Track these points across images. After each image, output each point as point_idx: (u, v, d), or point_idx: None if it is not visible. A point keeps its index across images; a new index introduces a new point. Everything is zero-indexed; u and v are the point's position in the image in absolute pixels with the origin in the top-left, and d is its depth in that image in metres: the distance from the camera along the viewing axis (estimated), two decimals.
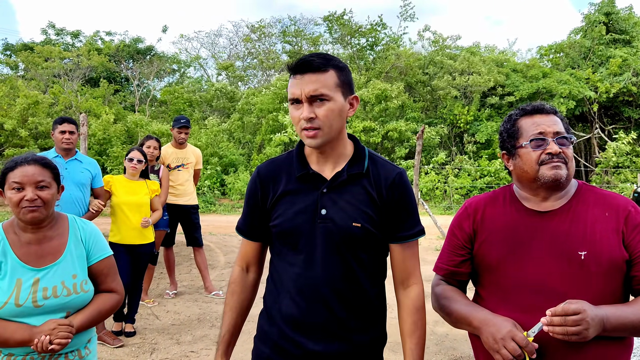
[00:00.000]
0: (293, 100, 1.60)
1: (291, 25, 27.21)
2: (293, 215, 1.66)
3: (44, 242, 1.96)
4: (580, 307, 1.45)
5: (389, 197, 1.66)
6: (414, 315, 1.69)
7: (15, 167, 1.91)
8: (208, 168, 19.08)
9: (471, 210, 1.82)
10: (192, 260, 7.66)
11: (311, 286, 1.63)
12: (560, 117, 1.74)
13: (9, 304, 1.84)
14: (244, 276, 1.83)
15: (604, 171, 20.98)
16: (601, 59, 23.65)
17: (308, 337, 1.64)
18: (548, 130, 1.68)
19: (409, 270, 1.71)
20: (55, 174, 1.99)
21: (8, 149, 17.64)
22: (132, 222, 4.53)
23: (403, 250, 1.70)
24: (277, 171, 1.73)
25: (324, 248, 1.63)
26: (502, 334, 1.55)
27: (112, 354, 4.21)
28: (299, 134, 1.63)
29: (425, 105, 23.86)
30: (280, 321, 1.68)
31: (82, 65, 23.00)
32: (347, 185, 1.66)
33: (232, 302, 1.81)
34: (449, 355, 4.39)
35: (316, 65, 1.56)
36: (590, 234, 1.61)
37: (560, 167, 1.65)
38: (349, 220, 1.62)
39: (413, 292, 1.70)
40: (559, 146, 1.66)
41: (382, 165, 1.71)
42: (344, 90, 1.62)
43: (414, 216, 1.71)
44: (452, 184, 19.50)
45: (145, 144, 5.38)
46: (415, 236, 1.70)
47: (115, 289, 2.12)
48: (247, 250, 1.83)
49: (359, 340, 1.67)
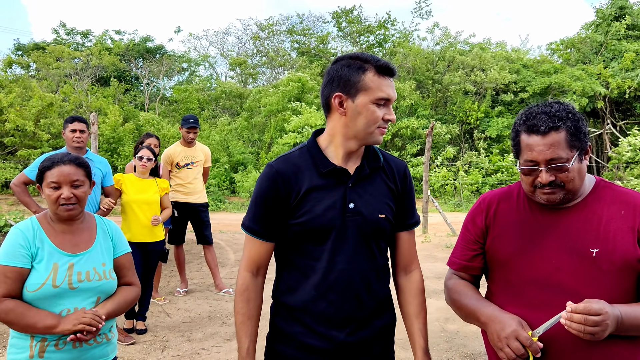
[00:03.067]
0: (386, 100, 1.67)
1: (298, 24, 27.20)
2: (322, 211, 1.66)
3: (76, 232, 2.13)
4: (602, 308, 1.43)
5: (402, 188, 1.81)
6: (419, 297, 1.82)
7: (52, 166, 2.08)
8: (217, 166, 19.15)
9: (485, 205, 1.82)
10: (202, 258, 7.70)
11: (343, 280, 1.67)
12: (566, 128, 1.58)
13: (47, 284, 1.97)
14: (255, 281, 1.76)
15: (616, 167, 20.77)
16: (613, 54, 23.41)
17: (340, 330, 1.67)
18: (540, 158, 1.59)
19: (413, 255, 1.86)
20: (88, 172, 2.16)
21: (22, 149, 17.80)
22: (142, 220, 4.56)
23: (409, 237, 1.86)
24: (297, 167, 1.71)
25: (354, 241, 1.69)
26: (507, 333, 1.55)
27: (124, 351, 4.24)
28: (369, 131, 1.68)
29: (434, 101, 23.76)
30: (307, 318, 1.68)
31: (92, 65, 23.15)
32: (369, 179, 1.74)
33: (248, 310, 1.73)
34: (460, 352, 4.38)
35: (395, 72, 1.71)
36: (604, 232, 1.59)
37: (554, 193, 1.61)
38: (375, 212, 1.71)
39: (416, 276, 1.85)
40: (554, 172, 1.59)
41: (391, 159, 1.84)
42: None
43: (415, 204, 1.90)
44: (462, 181, 19.40)
45: (145, 141, 5.39)
46: (417, 223, 1.88)
47: (136, 282, 2.30)
48: (260, 252, 1.76)
49: (379, 325, 1.76)
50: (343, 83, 1.66)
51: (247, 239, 1.79)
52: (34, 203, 4.46)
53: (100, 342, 2.11)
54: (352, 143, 1.70)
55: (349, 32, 25.46)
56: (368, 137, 1.69)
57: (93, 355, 2.08)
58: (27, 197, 4.47)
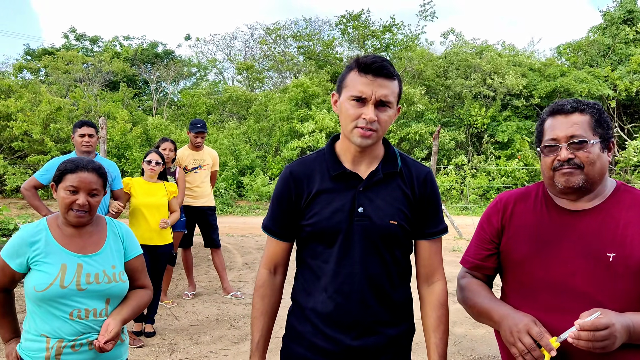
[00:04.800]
0: (358, 98, 1.62)
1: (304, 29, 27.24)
2: (330, 214, 1.69)
3: (85, 235, 2.14)
4: (609, 321, 1.41)
5: (421, 195, 1.73)
6: (438, 311, 1.74)
7: (75, 170, 2.06)
8: (225, 170, 19.20)
9: (501, 205, 1.81)
10: (210, 262, 7.73)
11: (349, 283, 1.67)
12: (590, 113, 1.63)
13: (55, 285, 1.98)
14: (272, 279, 1.82)
15: (624, 170, 20.63)
16: (620, 57, 23.29)
17: (345, 333, 1.68)
18: (560, 135, 1.63)
19: (435, 266, 1.78)
20: (105, 182, 2.17)
21: (31, 155, 17.91)
22: (151, 224, 4.60)
23: (430, 247, 1.77)
24: (310, 170, 1.76)
25: (361, 245, 1.67)
26: (519, 327, 1.54)
27: (133, 353, 4.27)
28: (347, 130, 1.66)
29: (442, 106, 23.73)
30: (316, 319, 1.71)
31: (103, 70, 23.32)
32: (382, 184, 1.71)
33: (262, 306, 1.80)
34: (467, 355, 4.38)
35: (389, 72, 1.63)
36: (621, 236, 1.57)
37: (573, 174, 1.61)
38: (386, 218, 1.67)
39: (437, 288, 1.77)
40: (574, 151, 1.60)
41: (412, 165, 1.78)
42: (399, 99, 1.71)
43: (440, 214, 1.80)
44: (469, 185, 19.35)
45: (161, 146, 5.45)
46: (441, 233, 1.78)
47: (148, 285, 2.32)
48: (277, 251, 1.82)
49: (392, 333, 1.72)
50: (337, 82, 1.74)
51: (267, 238, 1.86)
52: (44, 207, 4.51)
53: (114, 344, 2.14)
54: (349, 144, 1.71)
55: (354, 36, 25.46)
56: (350, 138, 1.67)
57: (107, 356, 2.11)
58: (38, 201, 4.52)
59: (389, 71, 1.63)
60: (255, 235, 11.44)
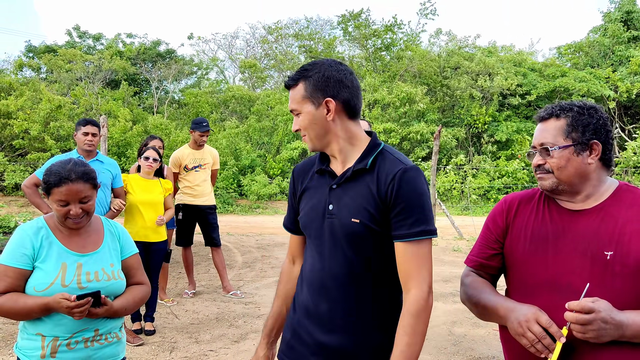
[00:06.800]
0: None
1: (305, 28, 27.22)
2: (308, 210, 1.77)
3: (83, 234, 2.16)
4: (595, 307, 1.43)
5: (389, 193, 1.61)
6: (404, 320, 1.58)
7: (60, 183, 2.01)
8: (225, 169, 19.20)
9: (507, 205, 1.84)
10: (210, 260, 7.74)
11: (317, 279, 1.73)
12: (566, 117, 1.66)
13: (56, 284, 1.99)
14: (290, 267, 1.97)
15: (624, 171, 20.64)
16: (621, 58, 23.29)
17: (316, 327, 1.72)
18: (535, 142, 1.73)
19: (409, 272, 1.60)
20: (94, 183, 2.12)
21: (31, 153, 17.91)
22: (147, 221, 4.63)
23: (405, 250, 1.60)
24: (307, 168, 1.87)
25: (329, 243, 1.70)
26: (527, 317, 1.55)
27: (133, 352, 4.28)
28: None
29: (442, 105, 23.74)
30: (299, 309, 1.81)
31: (104, 69, 23.29)
32: (351, 182, 1.69)
33: (278, 290, 1.97)
34: (467, 355, 4.38)
35: (288, 84, 1.74)
36: (620, 235, 1.57)
37: (543, 178, 1.70)
38: (349, 215, 1.64)
39: (409, 296, 1.59)
40: (544, 157, 1.69)
41: (390, 162, 1.66)
42: (314, 98, 1.67)
43: (418, 214, 1.60)
44: (469, 185, 19.36)
45: (149, 143, 5.43)
46: (415, 235, 1.59)
47: (145, 281, 2.34)
48: (293, 244, 1.97)
49: (362, 340, 1.66)
50: None
51: None
52: (45, 204, 4.51)
53: (111, 342, 2.14)
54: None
55: (355, 36, 25.42)
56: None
57: (104, 354, 2.11)
58: (38, 199, 4.52)
59: (288, 84, 1.74)
60: (255, 234, 11.45)
